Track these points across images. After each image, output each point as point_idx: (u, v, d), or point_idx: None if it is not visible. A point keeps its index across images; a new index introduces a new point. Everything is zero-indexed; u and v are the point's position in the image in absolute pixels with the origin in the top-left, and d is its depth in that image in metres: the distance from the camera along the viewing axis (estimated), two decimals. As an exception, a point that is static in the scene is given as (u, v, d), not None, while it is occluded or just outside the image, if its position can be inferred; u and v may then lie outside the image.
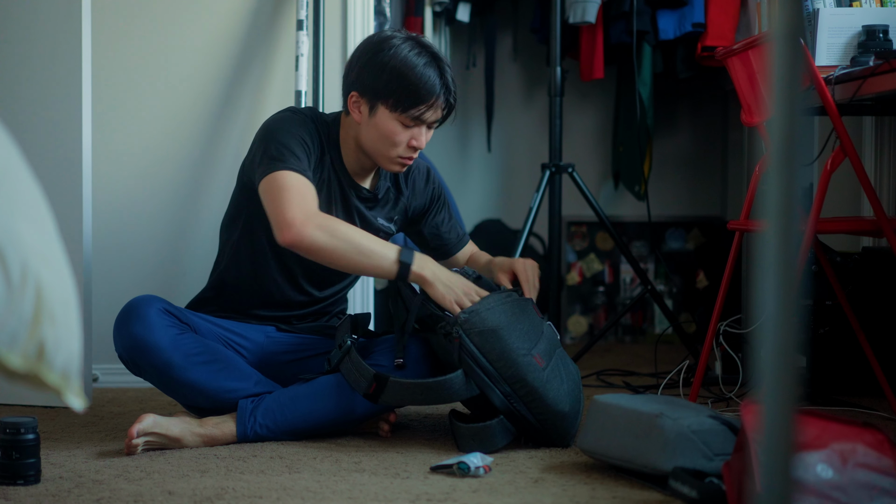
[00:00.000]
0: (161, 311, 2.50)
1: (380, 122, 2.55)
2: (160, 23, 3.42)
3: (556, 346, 2.55)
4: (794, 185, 1.10)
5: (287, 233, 2.42)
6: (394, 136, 2.55)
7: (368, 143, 2.59)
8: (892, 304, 3.18)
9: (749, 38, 2.76)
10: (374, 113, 2.55)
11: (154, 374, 2.50)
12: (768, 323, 1.11)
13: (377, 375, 2.45)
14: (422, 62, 2.52)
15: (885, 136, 3.53)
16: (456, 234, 2.89)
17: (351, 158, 2.65)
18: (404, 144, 2.56)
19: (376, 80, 2.53)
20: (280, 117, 2.62)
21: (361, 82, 2.56)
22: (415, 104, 2.52)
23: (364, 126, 2.58)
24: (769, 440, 1.10)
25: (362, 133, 2.59)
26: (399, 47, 2.53)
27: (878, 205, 2.66)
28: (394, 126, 2.54)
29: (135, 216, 3.41)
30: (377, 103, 2.54)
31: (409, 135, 2.56)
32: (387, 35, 2.58)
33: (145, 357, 2.47)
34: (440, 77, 2.54)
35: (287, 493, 2.03)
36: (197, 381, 2.49)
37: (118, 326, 2.50)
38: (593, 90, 4.95)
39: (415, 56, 2.53)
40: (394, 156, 2.58)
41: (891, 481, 1.73)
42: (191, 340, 2.52)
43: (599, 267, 4.93)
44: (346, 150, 2.65)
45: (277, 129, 2.56)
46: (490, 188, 5.09)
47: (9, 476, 2.11)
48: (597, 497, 2.03)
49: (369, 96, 2.55)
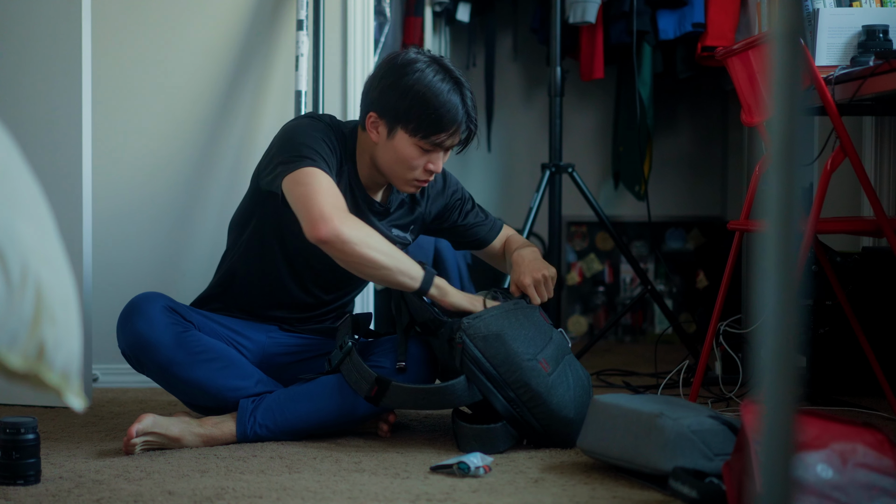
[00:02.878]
0: (164, 309, 2.50)
1: (398, 145, 2.52)
2: (160, 23, 3.42)
3: (566, 353, 2.54)
4: (794, 185, 1.10)
5: (323, 227, 2.36)
6: (411, 160, 2.52)
7: (384, 164, 2.56)
8: (892, 304, 3.18)
9: (749, 38, 2.76)
10: (393, 136, 2.52)
11: (156, 371, 2.50)
12: (768, 323, 1.11)
13: (379, 379, 2.45)
14: (446, 89, 2.48)
15: (885, 136, 3.53)
16: (486, 226, 2.86)
17: (365, 173, 2.62)
18: (421, 168, 2.54)
19: (398, 104, 2.49)
20: (302, 122, 2.58)
21: (382, 103, 2.51)
22: (436, 131, 2.49)
23: (381, 147, 2.54)
24: (769, 440, 1.10)
25: (379, 153, 2.56)
26: (424, 72, 2.49)
27: (878, 205, 2.66)
28: (412, 150, 2.51)
29: (135, 216, 3.41)
30: (397, 126, 2.51)
31: (426, 159, 2.53)
32: (411, 58, 2.52)
33: (148, 354, 2.48)
34: (462, 105, 2.50)
35: (287, 493, 2.03)
36: (199, 379, 2.49)
37: (121, 323, 2.50)
38: (593, 90, 4.95)
39: (439, 82, 2.48)
40: (410, 178, 2.55)
41: (891, 481, 1.73)
42: (193, 338, 2.52)
43: (599, 267, 4.93)
44: (362, 163, 2.61)
45: (301, 132, 2.52)
46: (490, 188, 5.09)
47: (9, 476, 2.11)
48: (597, 497, 2.03)
49: (389, 118, 2.51)
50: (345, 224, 2.37)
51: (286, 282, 2.68)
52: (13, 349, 1.30)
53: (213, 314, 2.66)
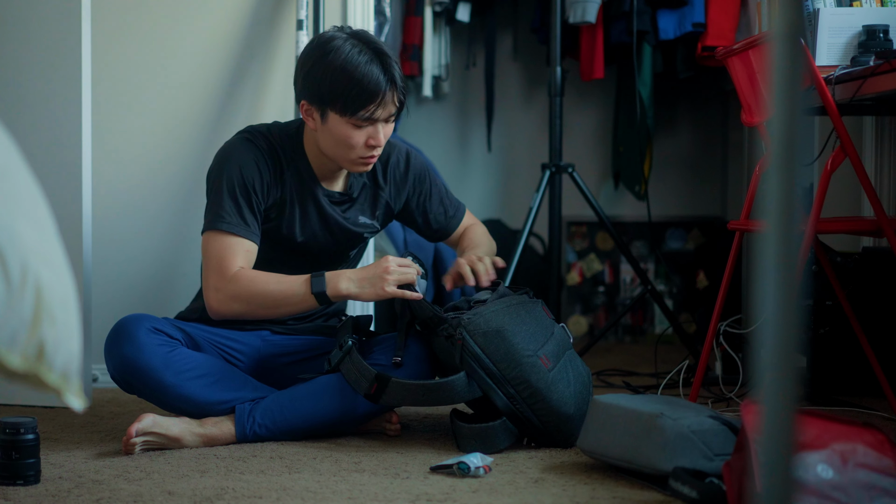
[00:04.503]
0: (150, 331, 2.48)
1: (333, 127, 2.53)
2: (160, 23, 3.41)
3: (567, 348, 2.54)
4: (794, 185, 1.10)
5: (210, 308, 2.55)
6: (349, 139, 2.52)
7: (327, 149, 2.58)
8: (892, 304, 3.18)
9: (749, 38, 2.76)
10: (326, 119, 2.53)
11: (147, 392, 2.49)
12: (768, 323, 1.11)
13: (378, 375, 2.45)
14: (364, 60, 2.48)
15: (885, 136, 3.53)
16: (448, 213, 2.85)
17: (317, 163, 2.64)
18: (361, 145, 2.54)
19: (321, 86, 2.50)
20: (228, 148, 2.62)
21: (309, 90, 2.53)
22: (363, 105, 2.49)
23: (320, 133, 2.56)
24: (769, 440, 1.10)
25: (320, 139, 2.58)
26: (340, 48, 2.49)
27: (878, 205, 2.66)
28: (347, 130, 2.52)
29: (135, 216, 3.41)
30: (327, 109, 2.52)
31: (364, 135, 2.53)
32: (328, 36, 2.54)
33: (137, 377, 2.47)
34: (384, 73, 2.49)
35: (287, 493, 2.03)
36: (190, 397, 2.48)
37: (108, 348, 2.49)
38: (593, 90, 4.95)
39: (356, 55, 2.48)
40: (354, 157, 2.56)
41: (891, 481, 1.73)
42: (182, 356, 2.50)
43: (599, 267, 4.93)
44: (312, 156, 2.64)
45: (224, 165, 2.59)
46: (490, 188, 5.09)
47: (9, 476, 2.11)
48: (597, 497, 2.03)
49: (318, 103, 2.53)
50: (223, 304, 2.53)
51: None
52: (13, 349, 1.30)
53: (202, 325, 2.64)
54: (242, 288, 2.52)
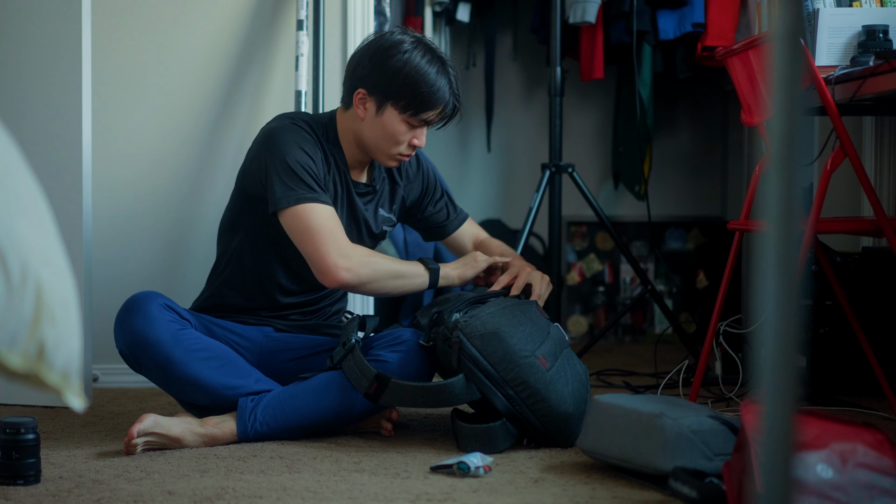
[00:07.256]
0: (162, 307, 2.51)
1: (387, 121, 2.60)
2: (160, 23, 3.42)
3: (564, 347, 2.55)
4: (794, 185, 1.10)
5: (333, 277, 2.53)
6: (398, 135, 2.61)
7: (370, 140, 2.63)
8: (892, 304, 3.18)
9: (749, 38, 2.76)
10: (382, 112, 2.60)
11: (155, 369, 2.50)
12: (768, 323, 1.11)
13: (378, 376, 2.46)
14: (434, 70, 2.58)
15: (885, 136, 3.53)
16: (450, 214, 2.92)
17: (349, 153, 2.69)
18: (406, 143, 2.62)
19: (389, 84, 2.58)
20: (281, 130, 2.62)
21: (372, 81, 2.60)
22: (424, 109, 2.59)
23: (368, 123, 2.62)
24: (769, 440, 1.10)
25: (365, 129, 2.63)
26: (412, 53, 2.58)
27: (878, 205, 2.66)
28: (400, 126, 2.60)
29: (135, 216, 3.41)
30: (386, 103, 2.59)
31: (412, 135, 2.62)
32: (397, 39, 2.61)
33: (146, 352, 2.48)
34: (449, 85, 2.61)
35: (287, 493, 2.04)
36: (198, 377, 2.49)
37: (119, 321, 2.51)
38: (593, 90, 4.95)
39: (427, 64, 2.58)
40: (394, 153, 2.64)
41: (891, 481, 1.73)
42: (192, 336, 2.52)
43: (599, 267, 4.93)
44: (346, 145, 2.69)
45: (284, 144, 2.58)
46: (490, 188, 5.09)
47: (9, 476, 2.11)
48: (597, 497, 2.03)
49: (379, 96, 2.60)
50: (352, 270, 2.53)
51: (283, 282, 2.69)
52: (13, 349, 1.30)
53: (207, 316, 2.68)
54: (368, 253, 2.60)
